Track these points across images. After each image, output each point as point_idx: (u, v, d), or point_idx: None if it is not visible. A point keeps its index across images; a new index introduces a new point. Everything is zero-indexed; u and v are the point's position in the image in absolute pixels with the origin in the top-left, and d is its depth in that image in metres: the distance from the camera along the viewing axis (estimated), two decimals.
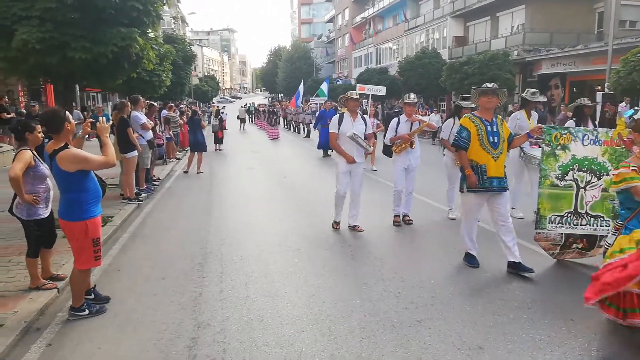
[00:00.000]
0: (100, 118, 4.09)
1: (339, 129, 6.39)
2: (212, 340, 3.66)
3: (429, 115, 22.08)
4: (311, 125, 24.43)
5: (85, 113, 17.43)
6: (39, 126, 4.42)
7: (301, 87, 28.19)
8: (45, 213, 4.45)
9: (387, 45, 42.37)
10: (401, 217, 6.91)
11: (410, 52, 34.37)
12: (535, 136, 5.15)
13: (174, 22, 58.84)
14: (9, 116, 13.29)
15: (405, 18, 38.36)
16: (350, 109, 6.42)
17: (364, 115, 6.69)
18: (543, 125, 5.08)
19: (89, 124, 4.33)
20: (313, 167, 13.63)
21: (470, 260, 5.21)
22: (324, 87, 28.07)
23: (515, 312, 4.05)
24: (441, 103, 32.26)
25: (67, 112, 4.07)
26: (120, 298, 4.46)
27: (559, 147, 4.96)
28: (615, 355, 3.38)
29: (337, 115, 6.58)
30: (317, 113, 19.95)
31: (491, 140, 4.83)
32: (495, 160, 4.82)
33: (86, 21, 7.11)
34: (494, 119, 4.92)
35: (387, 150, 7.15)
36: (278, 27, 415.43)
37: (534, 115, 7.05)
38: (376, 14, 46.25)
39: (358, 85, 16.99)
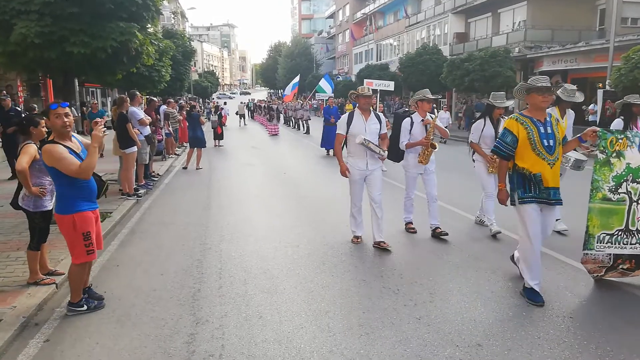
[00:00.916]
0: (99, 126, 3.86)
1: (347, 130, 5.62)
2: (210, 336, 3.65)
3: (435, 113, 21.06)
4: (310, 122, 24.49)
5: (84, 108, 17.39)
6: (43, 121, 4.47)
7: (295, 81, 28.03)
8: (50, 205, 4.51)
9: (388, 41, 42.27)
10: (432, 229, 6.14)
11: (411, 49, 34.31)
12: (588, 141, 4.35)
13: (173, 17, 58.65)
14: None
15: (406, 14, 38.27)
16: (362, 107, 5.61)
17: (378, 113, 5.83)
18: (598, 128, 4.32)
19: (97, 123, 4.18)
20: (313, 164, 13.61)
21: (534, 296, 4.18)
22: (323, 84, 27.86)
23: (514, 310, 4.05)
24: (442, 100, 32.18)
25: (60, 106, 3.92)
26: (118, 294, 4.46)
27: (614, 155, 4.30)
28: (614, 353, 3.37)
29: (347, 114, 5.79)
30: (322, 110, 19.37)
31: (546, 144, 4.06)
32: (551, 168, 4.08)
33: (85, 16, 7.07)
34: (548, 119, 4.16)
35: (397, 155, 6.36)
36: (278, 23, 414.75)
37: (569, 113, 6.10)
38: (377, 10, 46.13)
39: (366, 81, 16.58)
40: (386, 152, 5.64)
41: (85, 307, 4.06)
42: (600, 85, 18.63)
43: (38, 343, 3.59)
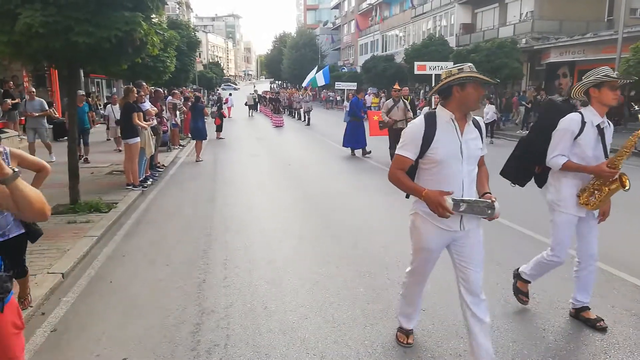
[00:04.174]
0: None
1: (422, 151, 2.78)
2: (215, 326, 3.67)
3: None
4: (311, 114, 24.50)
5: (89, 99, 17.30)
6: None
7: (313, 73, 28.09)
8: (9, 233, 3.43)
9: (394, 32, 41.99)
10: (576, 307, 3.72)
11: (417, 39, 34.04)
12: None
13: (178, 8, 58.49)
14: (14, 102, 13.30)
15: (412, 4, 37.93)
16: (468, 106, 2.76)
17: (478, 119, 2.92)
18: None
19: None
20: (317, 155, 13.59)
21: None
22: (319, 76, 27.42)
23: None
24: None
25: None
26: (124, 283, 4.49)
27: None
28: (619, 345, 3.37)
29: (421, 118, 2.83)
30: (348, 103, 15.33)
31: None
32: None
33: (90, 5, 7.03)
34: None
35: (528, 173, 3.76)
36: (283, 14, 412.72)
37: None
38: (382, 0, 45.76)
39: (417, 64, 13.15)
40: (497, 204, 2.73)
41: None
42: None
43: (45, 332, 3.62)
